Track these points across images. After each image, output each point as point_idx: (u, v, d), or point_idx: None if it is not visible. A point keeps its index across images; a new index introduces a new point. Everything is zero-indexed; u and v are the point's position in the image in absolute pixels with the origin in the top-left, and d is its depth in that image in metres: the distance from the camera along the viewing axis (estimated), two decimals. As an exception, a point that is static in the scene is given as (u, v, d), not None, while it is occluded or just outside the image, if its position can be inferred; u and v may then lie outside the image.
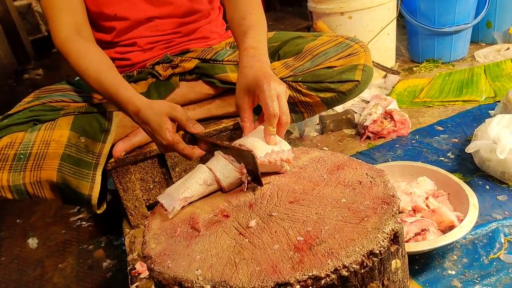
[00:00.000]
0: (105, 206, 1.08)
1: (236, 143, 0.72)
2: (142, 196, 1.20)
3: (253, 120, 0.78)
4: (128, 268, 1.09)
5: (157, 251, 0.60)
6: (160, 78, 1.13)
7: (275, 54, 1.18)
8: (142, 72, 1.17)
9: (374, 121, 1.50)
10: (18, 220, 1.75)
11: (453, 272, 0.90)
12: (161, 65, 1.16)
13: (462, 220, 0.91)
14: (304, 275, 0.51)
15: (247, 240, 0.58)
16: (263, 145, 0.69)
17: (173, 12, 1.13)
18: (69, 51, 0.94)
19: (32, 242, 1.58)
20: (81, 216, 1.67)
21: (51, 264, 1.43)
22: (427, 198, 1.02)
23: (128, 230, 1.23)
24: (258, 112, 0.76)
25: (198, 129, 0.77)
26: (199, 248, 0.58)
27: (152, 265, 0.58)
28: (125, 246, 1.18)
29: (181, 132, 0.80)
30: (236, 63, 1.16)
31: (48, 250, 1.51)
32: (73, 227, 1.61)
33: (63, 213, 1.72)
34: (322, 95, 1.12)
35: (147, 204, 1.21)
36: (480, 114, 1.54)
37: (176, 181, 0.74)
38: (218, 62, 1.16)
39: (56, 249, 1.51)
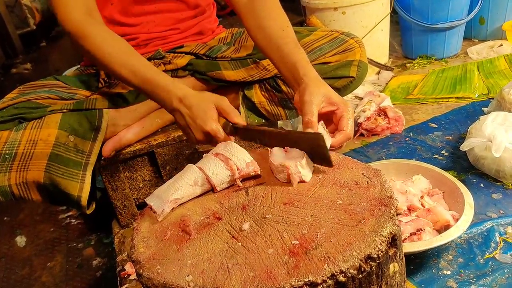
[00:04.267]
0: (94, 206, 1.04)
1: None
2: (132, 195, 1.17)
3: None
4: (118, 269, 1.06)
5: (146, 256, 0.57)
6: None
7: None
8: None
9: (368, 118, 1.49)
10: (5, 218, 1.70)
11: (449, 272, 0.89)
12: (152, 61, 1.12)
13: (457, 219, 0.90)
14: (300, 281, 0.49)
15: (240, 244, 0.56)
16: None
17: (172, 8, 1.10)
18: (87, 34, 0.88)
19: (20, 240, 1.54)
20: (70, 213, 1.63)
21: (39, 263, 1.40)
22: (422, 197, 1.01)
23: (118, 230, 1.20)
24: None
25: (241, 120, 0.76)
26: (190, 252, 0.56)
27: (141, 271, 0.55)
28: (115, 246, 1.15)
29: (223, 121, 0.78)
30: (229, 59, 1.13)
31: (36, 249, 1.48)
32: (62, 225, 1.58)
33: (52, 211, 1.68)
34: None
35: (137, 203, 1.18)
36: (474, 111, 1.53)
37: (167, 180, 0.71)
38: (211, 59, 1.13)
39: (44, 247, 1.47)
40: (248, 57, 1.13)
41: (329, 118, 0.80)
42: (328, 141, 0.73)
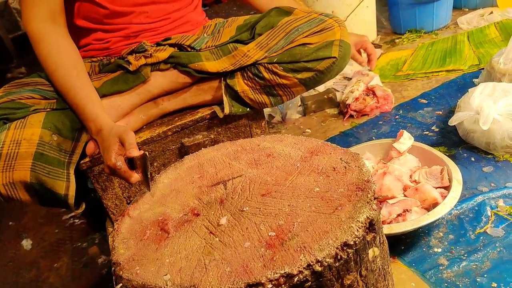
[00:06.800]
0: (83, 206, 1.04)
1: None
2: (123, 194, 1.17)
3: None
4: (113, 268, 1.07)
5: (126, 257, 0.57)
6: (129, 68, 1.09)
7: (252, 30, 1.14)
8: (112, 63, 1.12)
9: (356, 99, 1.47)
10: (10, 223, 1.72)
11: (439, 250, 0.89)
12: (134, 54, 1.11)
13: (446, 196, 0.89)
14: (276, 273, 0.48)
15: (217, 239, 0.55)
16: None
17: None
18: (42, 40, 0.94)
19: (26, 243, 1.55)
20: (73, 214, 1.64)
21: (46, 265, 1.41)
22: (411, 176, 1.00)
23: (111, 229, 1.20)
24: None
25: (133, 153, 0.79)
26: (168, 251, 0.56)
27: (121, 272, 0.55)
28: (109, 246, 1.15)
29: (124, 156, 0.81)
30: (213, 47, 1.12)
31: (42, 251, 1.49)
32: (66, 225, 1.59)
33: (55, 213, 1.70)
34: (299, 76, 1.08)
35: (129, 202, 1.18)
36: (464, 84, 1.51)
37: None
38: (195, 50, 1.12)
39: (50, 249, 1.49)
40: (231, 40, 1.12)
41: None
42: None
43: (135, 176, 0.79)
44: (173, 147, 1.15)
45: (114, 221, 1.19)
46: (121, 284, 0.87)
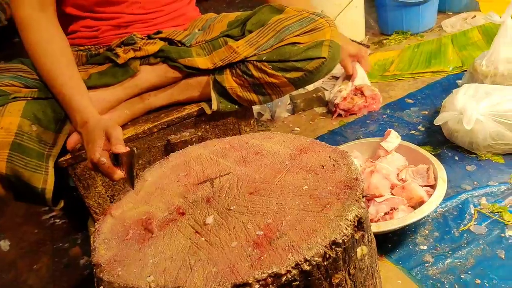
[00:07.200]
0: (62, 204, 1.01)
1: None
2: (106, 193, 1.14)
3: None
4: (94, 270, 1.04)
5: (107, 258, 0.55)
6: (117, 61, 1.06)
7: (243, 26, 1.12)
8: (100, 55, 1.09)
9: (344, 98, 1.47)
10: (-13, 222, 1.66)
11: (425, 247, 0.90)
12: (122, 47, 1.08)
13: (431, 194, 0.90)
14: (264, 273, 0.47)
15: (203, 239, 0.54)
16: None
17: None
18: (28, 32, 0.92)
19: (4, 244, 1.50)
20: (53, 213, 1.59)
21: (25, 266, 1.37)
22: (398, 175, 1.01)
23: (93, 229, 1.17)
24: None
25: (119, 149, 0.76)
26: (152, 251, 0.54)
27: (101, 274, 0.53)
28: (91, 245, 1.12)
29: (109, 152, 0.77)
30: (204, 42, 1.10)
31: (21, 252, 1.44)
32: (46, 225, 1.54)
33: (34, 212, 1.64)
34: (288, 75, 1.07)
35: (112, 200, 1.15)
36: (449, 85, 1.53)
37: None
38: (186, 46, 1.10)
39: (29, 249, 1.44)
40: (221, 35, 1.11)
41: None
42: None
43: (119, 173, 0.75)
44: (159, 144, 1.13)
45: (96, 220, 1.16)
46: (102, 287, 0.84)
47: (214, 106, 1.09)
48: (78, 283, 1.24)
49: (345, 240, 0.51)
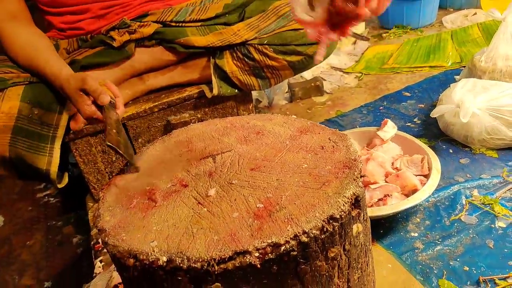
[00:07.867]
0: (66, 180, 1.02)
1: None
2: (105, 169, 1.15)
3: None
4: (92, 243, 1.06)
5: (112, 224, 0.56)
6: (113, 44, 1.06)
7: (241, 13, 1.13)
8: (93, 38, 1.08)
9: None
10: (-19, 198, 1.66)
11: (416, 234, 0.92)
12: (116, 30, 1.08)
13: (425, 183, 0.92)
14: (263, 242, 0.49)
15: (205, 209, 0.56)
16: None
17: None
18: (6, 43, 0.94)
19: (-2, 219, 1.51)
20: (48, 192, 1.60)
21: (18, 242, 1.38)
22: (393, 164, 1.03)
23: (92, 204, 1.18)
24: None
25: (104, 99, 0.79)
26: (155, 219, 0.55)
27: (106, 239, 0.55)
28: (89, 220, 1.14)
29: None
30: (197, 22, 1.10)
31: (15, 228, 1.45)
32: (41, 203, 1.55)
33: (29, 189, 1.65)
34: (289, 58, 1.09)
35: (110, 177, 1.16)
36: (446, 80, 1.55)
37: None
38: (179, 24, 1.09)
39: (23, 226, 1.45)
40: (217, 18, 1.10)
41: None
42: None
43: (112, 113, 0.78)
44: (159, 124, 1.14)
45: (95, 196, 1.17)
46: (101, 257, 0.86)
47: (215, 91, 1.10)
48: (71, 260, 1.25)
49: (342, 216, 0.53)
